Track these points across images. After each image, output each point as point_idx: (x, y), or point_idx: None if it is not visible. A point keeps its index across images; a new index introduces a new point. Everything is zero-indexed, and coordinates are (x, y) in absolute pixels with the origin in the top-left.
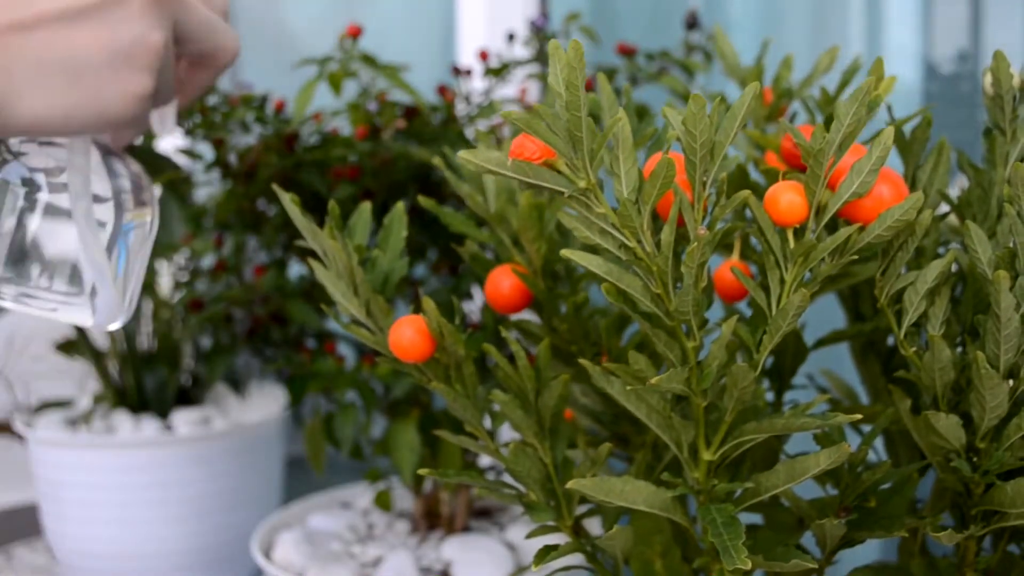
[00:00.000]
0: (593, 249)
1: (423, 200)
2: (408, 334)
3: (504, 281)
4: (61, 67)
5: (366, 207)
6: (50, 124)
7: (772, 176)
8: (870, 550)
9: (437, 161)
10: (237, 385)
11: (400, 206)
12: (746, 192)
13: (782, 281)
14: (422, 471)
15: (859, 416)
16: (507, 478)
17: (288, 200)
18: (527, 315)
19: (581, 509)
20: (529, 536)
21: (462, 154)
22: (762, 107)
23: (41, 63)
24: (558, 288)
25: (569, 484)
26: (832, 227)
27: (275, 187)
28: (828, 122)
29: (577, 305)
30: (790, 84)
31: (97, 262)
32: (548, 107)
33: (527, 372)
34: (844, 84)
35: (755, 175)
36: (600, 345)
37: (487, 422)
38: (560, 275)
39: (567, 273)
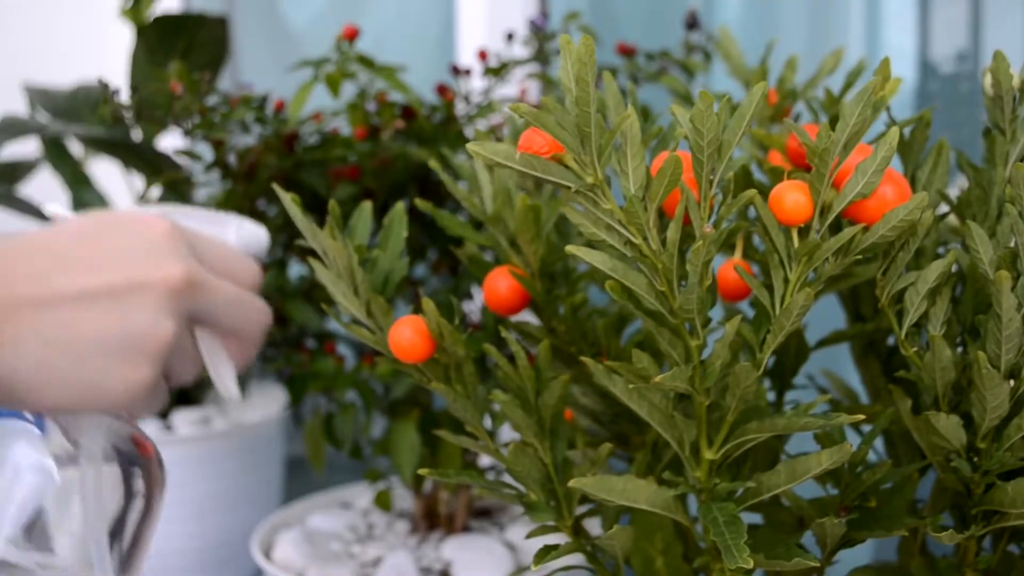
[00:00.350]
0: (595, 247)
1: (420, 203)
2: (408, 334)
3: (502, 283)
4: (68, 347)
5: (367, 207)
6: (51, 401)
7: (776, 175)
8: (870, 550)
9: (433, 164)
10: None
11: (400, 206)
12: (752, 191)
13: (786, 280)
14: (422, 471)
15: (861, 417)
16: (507, 478)
17: (289, 200)
18: (526, 316)
19: (581, 509)
20: (529, 536)
21: (470, 146)
22: (767, 107)
23: (49, 341)
24: (556, 289)
25: (571, 483)
26: (835, 227)
27: (275, 187)
28: (832, 122)
29: (575, 306)
30: (794, 85)
31: (99, 546)
32: (556, 102)
33: (527, 372)
34: (848, 85)
35: (758, 175)
36: (599, 345)
37: (487, 422)
38: (558, 276)
39: (565, 274)
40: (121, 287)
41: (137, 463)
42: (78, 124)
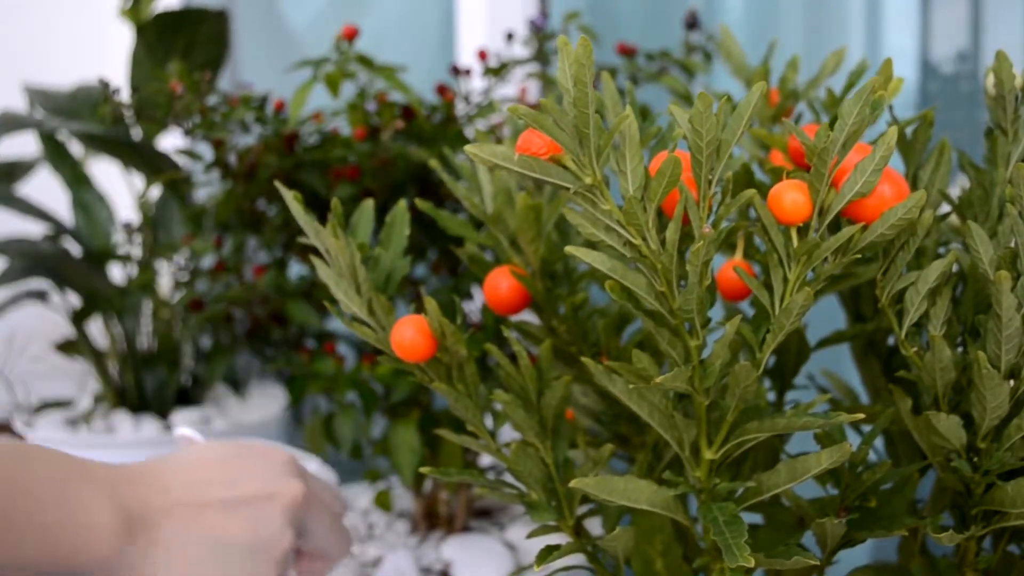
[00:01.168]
0: (595, 247)
1: (419, 203)
2: (410, 334)
3: (502, 282)
4: (216, 547)
5: (369, 205)
6: None
7: (777, 175)
8: (869, 549)
9: (433, 163)
10: (237, 385)
11: (403, 204)
12: (751, 191)
13: (785, 280)
14: (424, 469)
15: (861, 416)
16: (508, 478)
17: (291, 197)
18: (526, 316)
19: (582, 509)
20: (530, 536)
21: (469, 148)
22: (768, 107)
23: (201, 541)
24: (556, 289)
25: (572, 483)
26: (834, 226)
27: (277, 184)
28: (833, 122)
29: (576, 306)
30: (796, 85)
31: None
32: (554, 103)
33: (529, 372)
34: (850, 85)
35: (759, 175)
36: (599, 345)
37: (488, 422)
38: (558, 276)
39: (566, 274)
40: (258, 498)
41: None
42: (76, 121)
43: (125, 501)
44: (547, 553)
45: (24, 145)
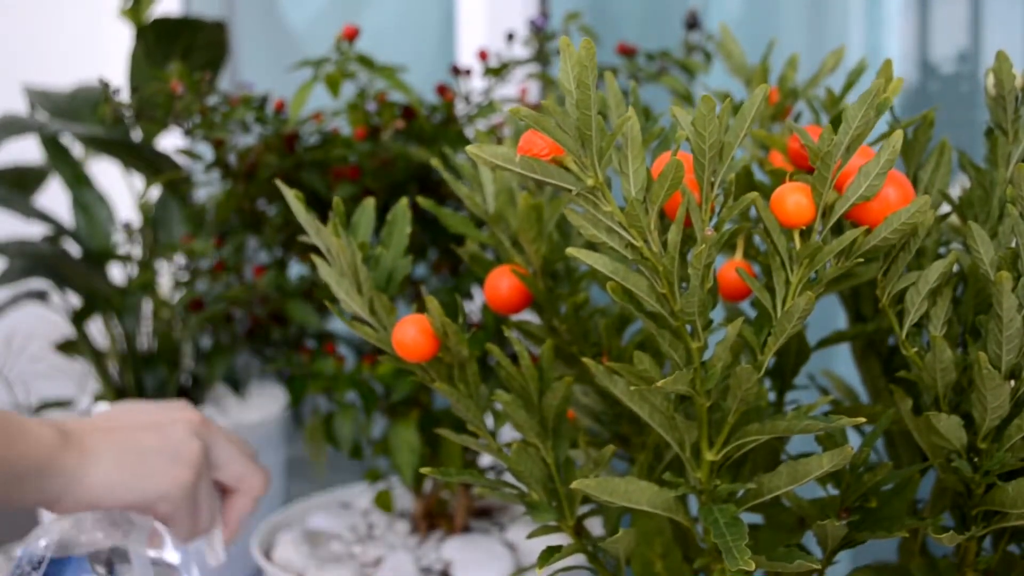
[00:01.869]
0: (596, 248)
1: (421, 200)
2: (412, 333)
3: (503, 282)
4: (133, 453)
5: (370, 203)
6: (120, 497)
7: (778, 177)
8: (870, 548)
9: (435, 162)
10: (237, 386)
11: (404, 202)
12: (754, 194)
13: (787, 282)
14: (424, 470)
15: (862, 420)
16: (508, 478)
17: (292, 196)
18: (527, 315)
19: (583, 509)
20: (531, 536)
21: (470, 149)
22: (767, 107)
23: (120, 450)
24: (558, 288)
25: (573, 484)
26: (837, 228)
27: (278, 182)
28: (835, 123)
29: (577, 305)
30: (795, 84)
31: None
32: (556, 104)
33: (530, 372)
34: (849, 85)
35: (759, 175)
36: (600, 345)
37: (489, 422)
38: (560, 275)
39: (567, 273)
40: (163, 422)
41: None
42: (78, 123)
43: (58, 425)
44: (549, 554)
45: (24, 145)
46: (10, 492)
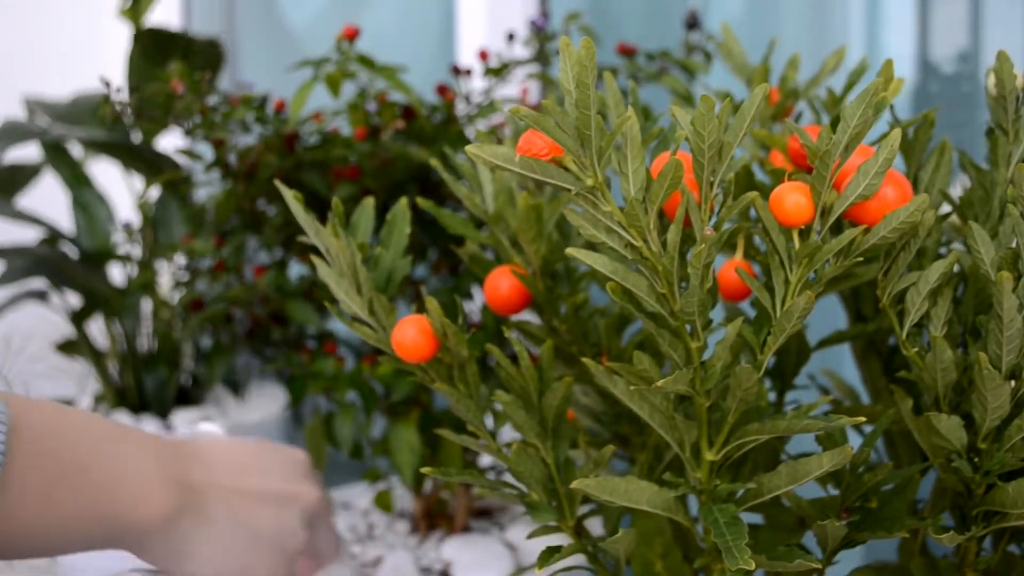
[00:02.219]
0: (596, 248)
1: (421, 201)
2: (411, 334)
3: (503, 282)
4: (246, 532)
5: (369, 203)
6: (213, 571)
7: (778, 176)
8: (870, 547)
9: (434, 162)
10: (236, 387)
11: (404, 202)
12: (753, 194)
13: (787, 282)
14: (424, 470)
15: (862, 420)
16: (508, 478)
17: (291, 196)
18: (527, 315)
19: (583, 509)
20: (531, 536)
21: (469, 149)
22: (768, 106)
23: (234, 525)
24: (557, 288)
25: (573, 484)
26: (836, 227)
27: (277, 183)
28: (835, 123)
29: (577, 305)
30: (796, 84)
31: None
32: (556, 104)
33: (530, 373)
34: (851, 85)
35: (760, 175)
36: (600, 345)
37: (489, 422)
38: (559, 275)
39: (566, 273)
40: (285, 495)
41: None
42: (80, 127)
43: (172, 468)
44: (549, 555)
45: (26, 150)
46: (93, 542)
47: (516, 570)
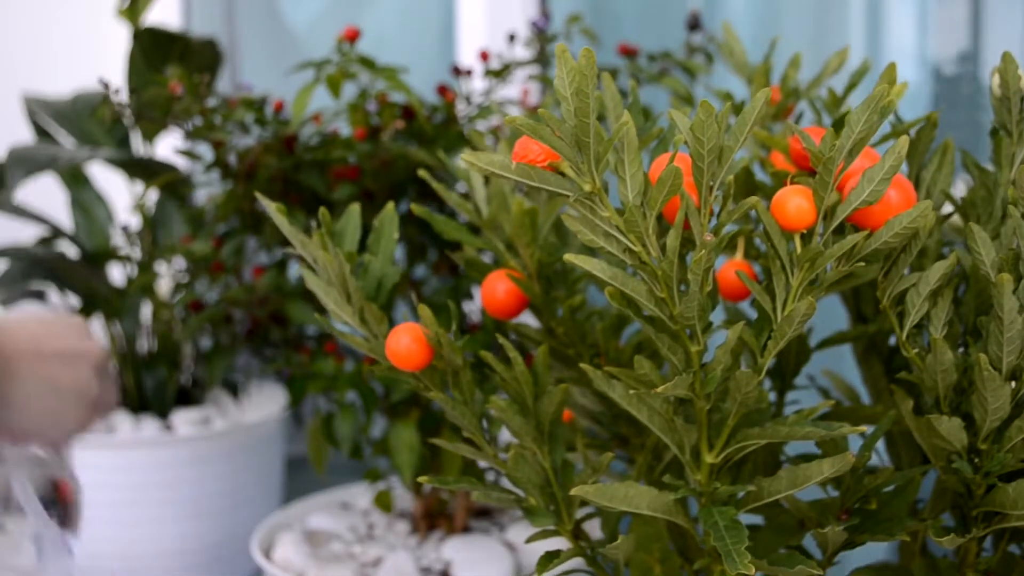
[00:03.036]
0: (593, 252)
1: (415, 208)
2: (405, 342)
3: (499, 286)
4: (49, 390)
5: (355, 210)
6: (30, 428)
7: (780, 178)
8: (870, 548)
9: (422, 174)
10: (235, 390)
11: (391, 206)
12: (754, 199)
13: (788, 286)
14: (422, 479)
15: (863, 429)
16: (506, 482)
17: (274, 210)
18: (525, 317)
19: (580, 513)
20: (529, 540)
21: (465, 157)
22: (769, 107)
23: (39, 382)
24: (554, 291)
25: (573, 491)
26: (838, 229)
27: (258, 195)
28: (837, 126)
29: (574, 308)
30: (797, 84)
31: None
32: (551, 109)
33: (525, 377)
34: (852, 86)
35: (760, 175)
36: (598, 347)
37: (486, 425)
38: (556, 278)
39: (563, 276)
40: (76, 354)
41: (53, 506)
42: (105, 149)
43: None
44: (548, 560)
45: (22, 140)
46: None
47: (516, 571)
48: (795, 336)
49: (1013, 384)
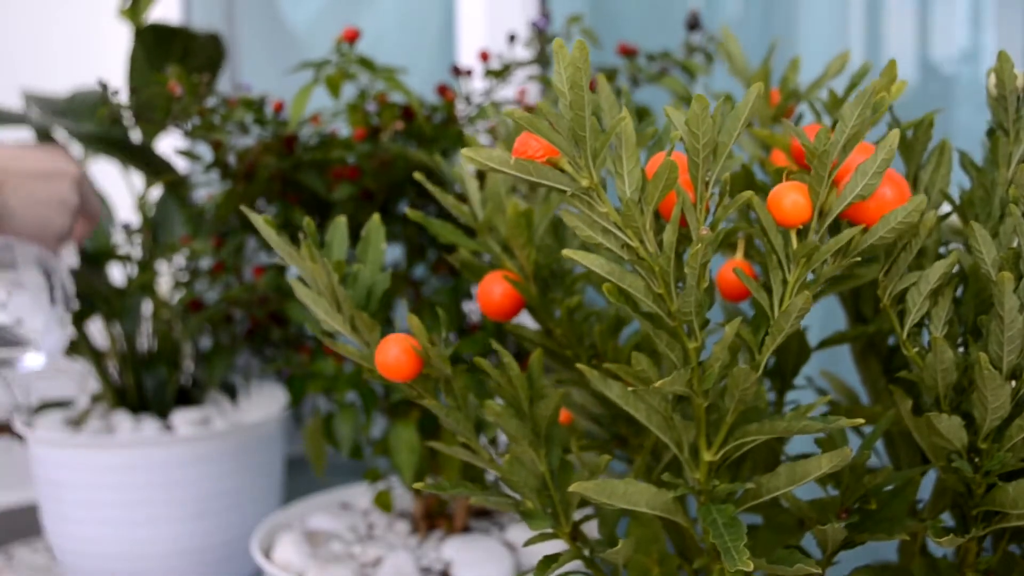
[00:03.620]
0: (591, 249)
1: (411, 213)
2: (394, 353)
3: (495, 288)
4: (41, 202)
5: (341, 222)
6: (27, 230)
7: (779, 176)
8: (870, 548)
9: (418, 176)
10: (233, 393)
11: (376, 217)
12: (748, 193)
13: (784, 282)
14: (418, 485)
15: (861, 421)
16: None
17: (261, 222)
18: (523, 318)
19: (578, 515)
20: (527, 544)
21: (464, 152)
22: (769, 107)
23: (27, 194)
24: (551, 292)
25: (571, 488)
26: (835, 227)
27: (244, 208)
28: (835, 125)
29: (571, 309)
30: (797, 85)
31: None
32: (550, 105)
33: (519, 381)
34: (852, 86)
35: (760, 175)
36: (596, 348)
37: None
38: (552, 279)
39: (560, 277)
40: (56, 172)
41: (51, 269)
42: (70, 120)
43: None
44: (547, 564)
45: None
46: None
47: (516, 571)
48: (794, 333)
49: (1013, 383)
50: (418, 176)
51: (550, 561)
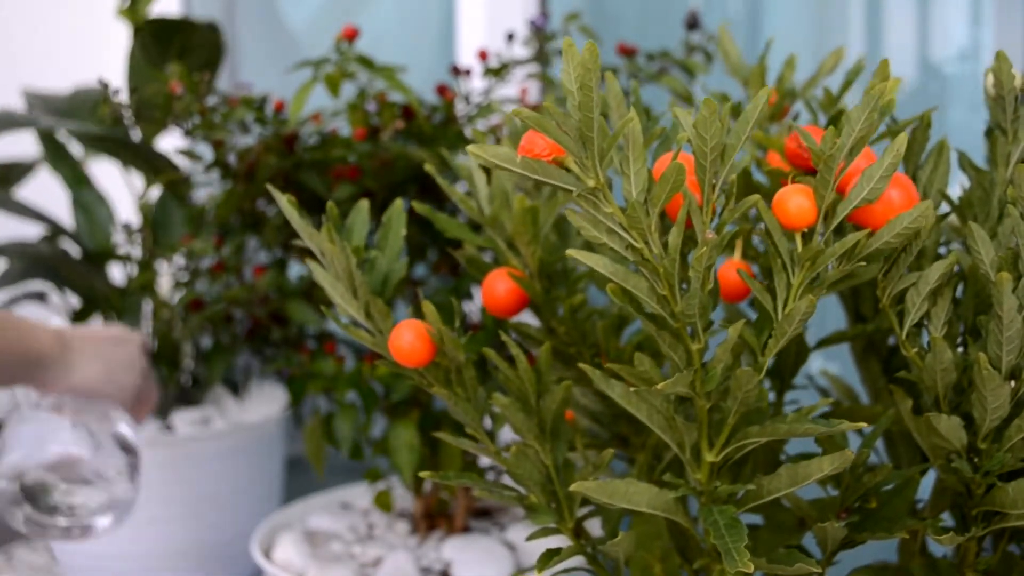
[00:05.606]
0: (595, 249)
1: (417, 206)
2: (408, 338)
3: (499, 285)
4: (103, 358)
5: (364, 205)
6: (93, 384)
7: (776, 177)
8: (870, 547)
9: (428, 168)
10: (235, 388)
11: (399, 203)
12: (756, 197)
13: (788, 285)
14: (423, 473)
15: (862, 424)
16: (507, 480)
17: (285, 201)
18: (525, 316)
19: (582, 511)
20: (530, 538)
21: (470, 149)
22: (766, 107)
23: (95, 353)
24: (555, 290)
25: (573, 487)
26: (838, 229)
27: (270, 187)
28: (832, 122)
29: (574, 307)
30: (793, 84)
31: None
32: (557, 105)
33: (528, 375)
34: (847, 85)
35: (757, 175)
36: (599, 346)
37: (487, 423)
38: (556, 277)
39: (564, 275)
40: (122, 338)
41: (130, 450)
42: (72, 121)
43: (51, 329)
44: (548, 558)
45: (25, 147)
46: (16, 375)
47: (516, 571)
48: (795, 335)
49: (1013, 383)
50: (429, 168)
51: (552, 555)
